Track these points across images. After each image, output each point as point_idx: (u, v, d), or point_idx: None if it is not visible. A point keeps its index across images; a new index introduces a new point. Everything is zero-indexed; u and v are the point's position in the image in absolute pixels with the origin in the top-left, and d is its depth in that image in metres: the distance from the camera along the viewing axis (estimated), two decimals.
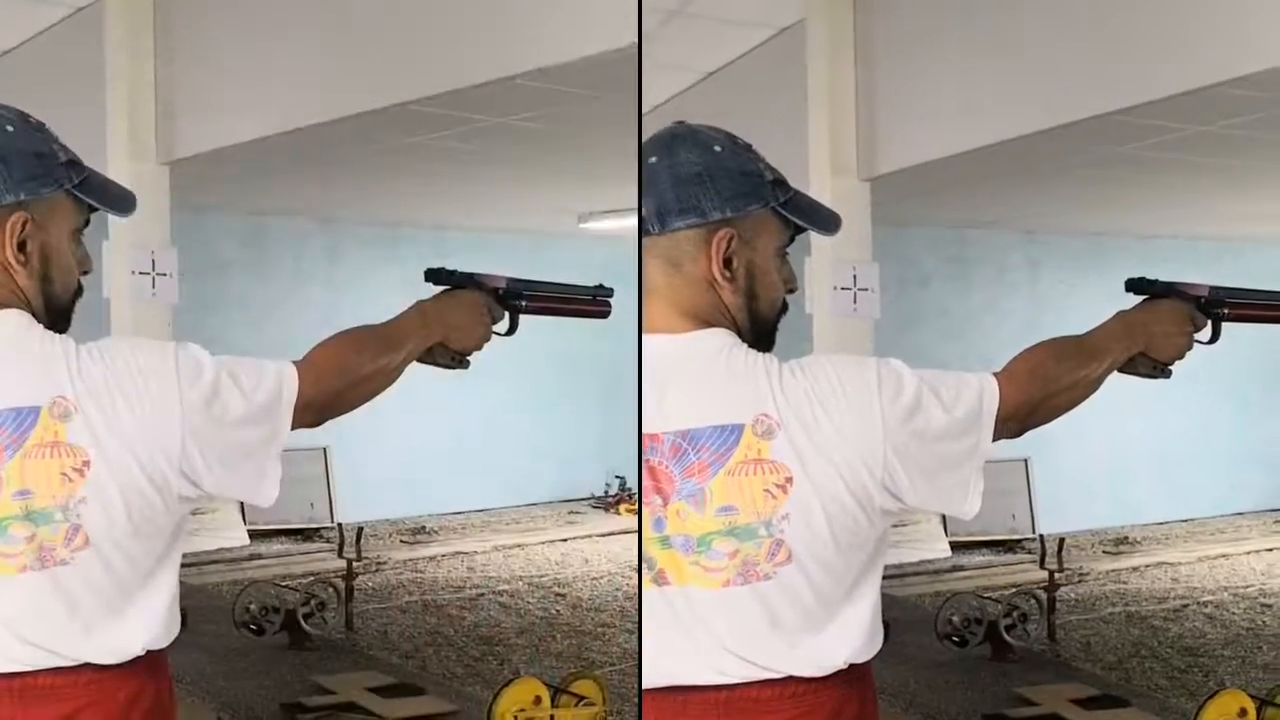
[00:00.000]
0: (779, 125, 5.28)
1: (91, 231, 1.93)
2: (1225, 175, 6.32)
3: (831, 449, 1.72)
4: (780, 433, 1.72)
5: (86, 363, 1.76)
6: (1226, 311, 2.03)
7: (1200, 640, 6.13)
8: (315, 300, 8.61)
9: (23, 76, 5.80)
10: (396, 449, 8.61)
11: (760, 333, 1.83)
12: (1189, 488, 8.99)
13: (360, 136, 5.68)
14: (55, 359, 1.76)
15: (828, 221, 1.90)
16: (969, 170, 5.59)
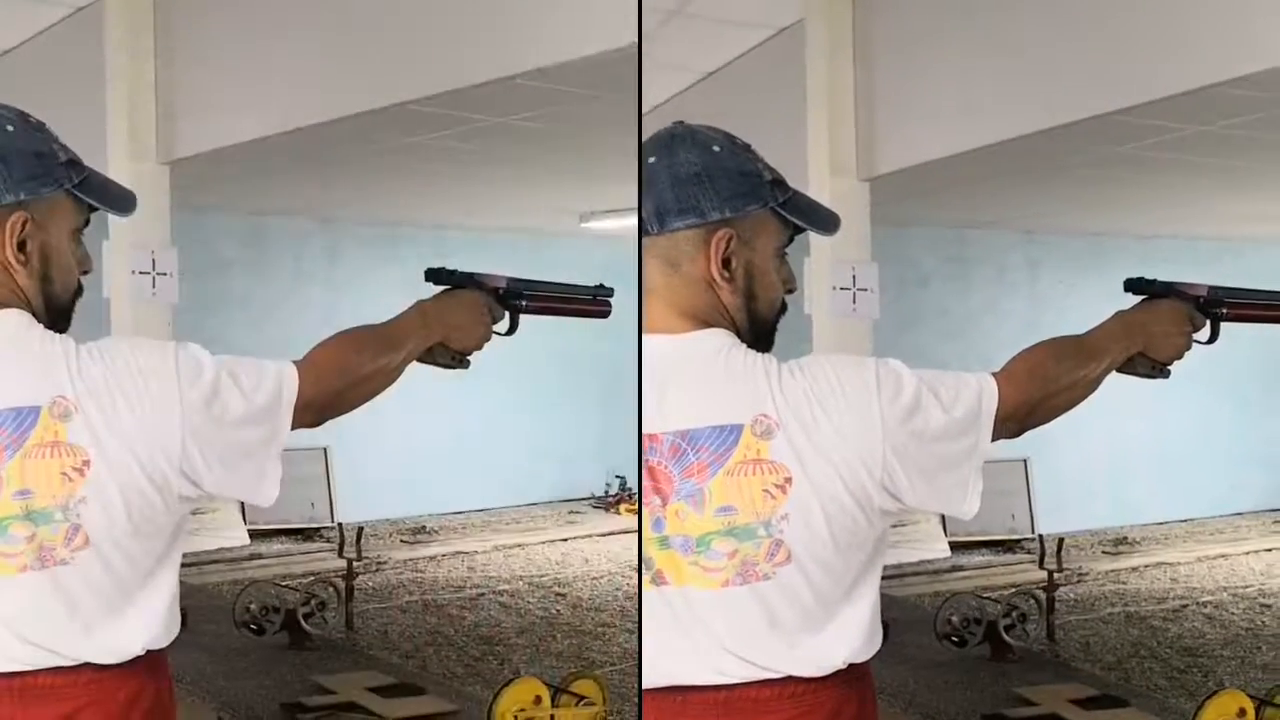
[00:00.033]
0: (778, 125, 5.28)
1: (91, 231, 1.93)
2: (1225, 175, 6.31)
3: (830, 449, 1.72)
4: (779, 433, 1.72)
5: (86, 362, 1.76)
6: (1225, 311, 2.03)
7: (1199, 640, 6.13)
8: (315, 300, 8.60)
9: (23, 76, 5.80)
10: (396, 449, 8.61)
11: (759, 333, 1.83)
12: (1188, 488, 8.99)
13: (360, 136, 5.68)
14: (55, 359, 1.76)
15: (827, 221, 1.89)
16: (968, 170, 5.59)
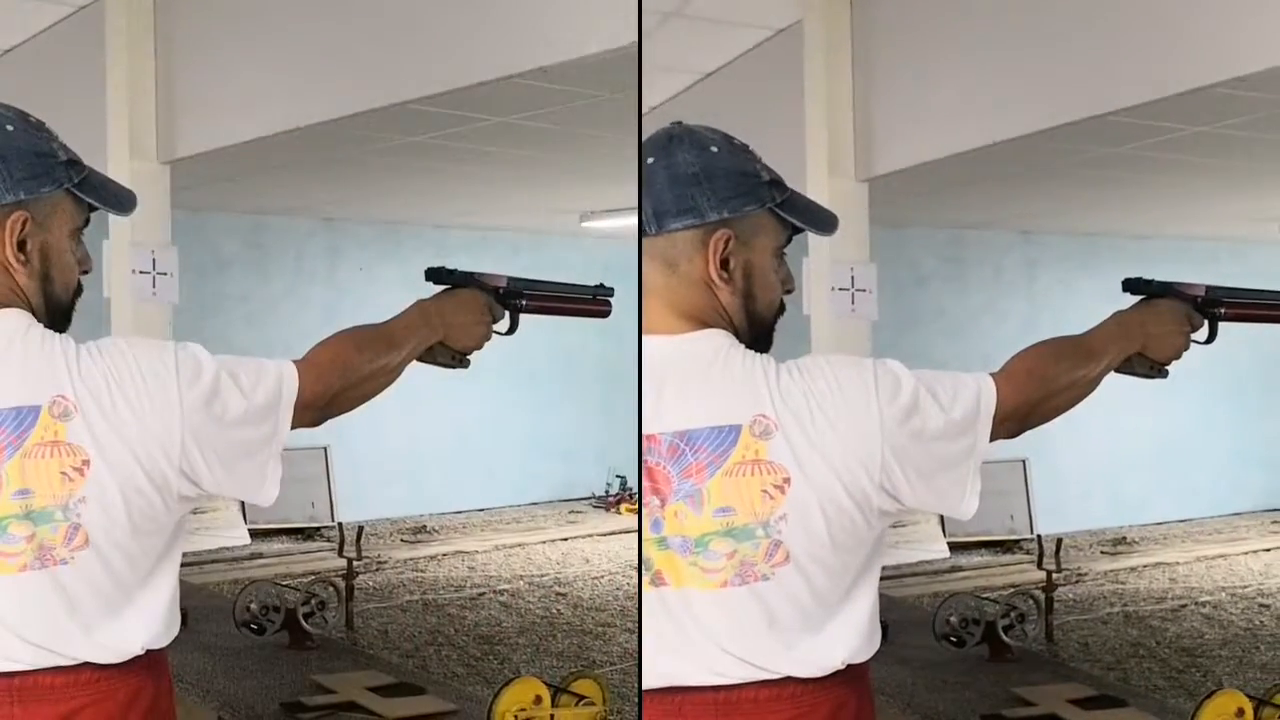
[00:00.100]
0: (776, 126, 5.28)
1: (91, 231, 1.93)
2: (1223, 175, 6.32)
3: (829, 450, 1.72)
4: (778, 433, 1.72)
5: (86, 362, 1.75)
6: (1223, 311, 2.03)
7: (1198, 640, 6.13)
8: (316, 299, 8.61)
9: (23, 76, 5.81)
10: (397, 448, 8.62)
11: (758, 333, 1.82)
12: (1187, 488, 8.99)
13: (360, 136, 5.69)
14: (55, 358, 1.76)
15: (825, 222, 1.89)
16: (966, 171, 5.60)
